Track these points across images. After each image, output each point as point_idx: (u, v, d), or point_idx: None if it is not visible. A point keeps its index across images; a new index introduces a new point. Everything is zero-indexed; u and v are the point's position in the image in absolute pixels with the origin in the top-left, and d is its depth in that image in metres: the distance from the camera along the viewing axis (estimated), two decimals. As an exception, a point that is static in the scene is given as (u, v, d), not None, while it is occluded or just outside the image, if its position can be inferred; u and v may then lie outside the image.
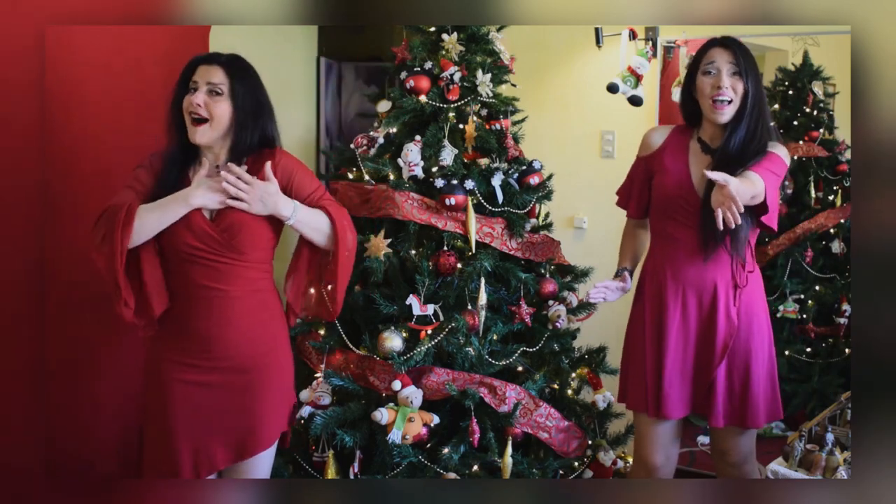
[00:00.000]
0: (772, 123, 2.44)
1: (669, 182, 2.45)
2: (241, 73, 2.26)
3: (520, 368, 2.87)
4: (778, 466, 2.48)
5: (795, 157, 3.54)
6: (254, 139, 2.26)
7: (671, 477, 2.59)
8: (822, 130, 3.53)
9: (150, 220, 2.15)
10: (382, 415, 2.59)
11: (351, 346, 2.80)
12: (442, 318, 2.74)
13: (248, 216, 2.20)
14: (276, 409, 2.30)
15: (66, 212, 2.66)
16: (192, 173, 2.27)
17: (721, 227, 2.12)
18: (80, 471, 2.73)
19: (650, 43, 3.43)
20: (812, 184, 3.55)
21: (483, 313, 2.74)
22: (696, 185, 2.42)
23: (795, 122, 3.56)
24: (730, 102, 2.36)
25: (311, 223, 2.26)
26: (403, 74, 2.92)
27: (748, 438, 2.51)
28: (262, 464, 2.31)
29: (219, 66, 2.23)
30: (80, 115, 2.70)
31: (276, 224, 2.27)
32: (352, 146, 2.95)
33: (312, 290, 2.41)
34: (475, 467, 2.71)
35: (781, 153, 2.39)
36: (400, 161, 2.83)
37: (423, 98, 2.87)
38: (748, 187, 2.18)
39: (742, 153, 2.35)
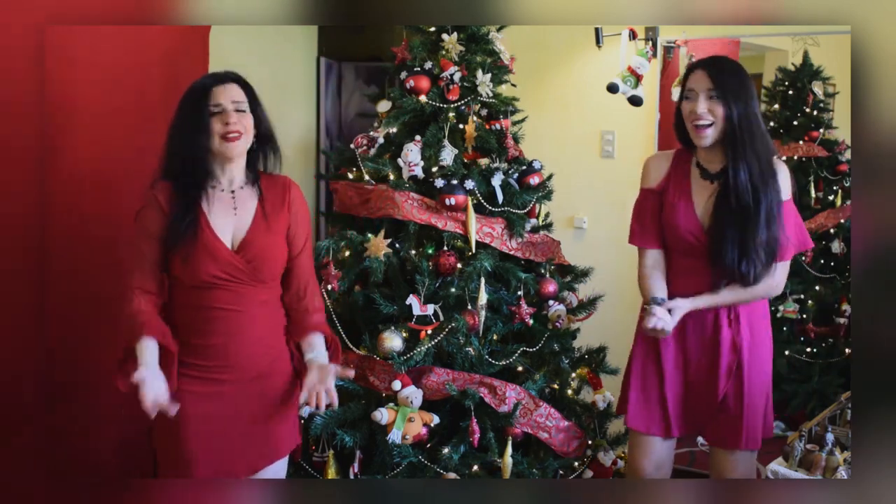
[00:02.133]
0: (768, 134, 2.38)
1: (677, 218, 2.40)
2: (251, 88, 2.24)
3: (520, 368, 2.86)
4: (778, 466, 2.47)
5: (795, 158, 3.54)
6: (271, 153, 2.28)
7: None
8: (822, 130, 3.53)
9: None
10: (382, 415, 2.59)
11: (351, 346, 2.79)
12: (442, 318, 2.73)
13: (271, 245, 2.20)
14: (288, 415, 2.30)
15: (65, 211, 2.66)
16: (206, 199, 2.19)
17: None
18: (81, 471, 2.73)
19: (650, 43, 3.43)
20: (812, 184, 3.55)
21: (483, 313, 2.74)
22: (700, 215, 2.38)
23: (795, 122, 3.56)
24: (710, 125, 2.31)
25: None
26: (403, 74, 2.92)
27: (747, 462, 2.48)
28: (275, 475, 2.30)
29: (234, 83, 2.19)
30: (79, 114, 2.70)
31: (288, 247, 2.28)
32: (352, 146, 2.95)
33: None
34: (475, 467, 2.71)
35: (784, 173, 2.36)
36: (400, 161, 2.83)
37: (423, 98, 2.87)
38: None
39: (751, 186, 2.30)
